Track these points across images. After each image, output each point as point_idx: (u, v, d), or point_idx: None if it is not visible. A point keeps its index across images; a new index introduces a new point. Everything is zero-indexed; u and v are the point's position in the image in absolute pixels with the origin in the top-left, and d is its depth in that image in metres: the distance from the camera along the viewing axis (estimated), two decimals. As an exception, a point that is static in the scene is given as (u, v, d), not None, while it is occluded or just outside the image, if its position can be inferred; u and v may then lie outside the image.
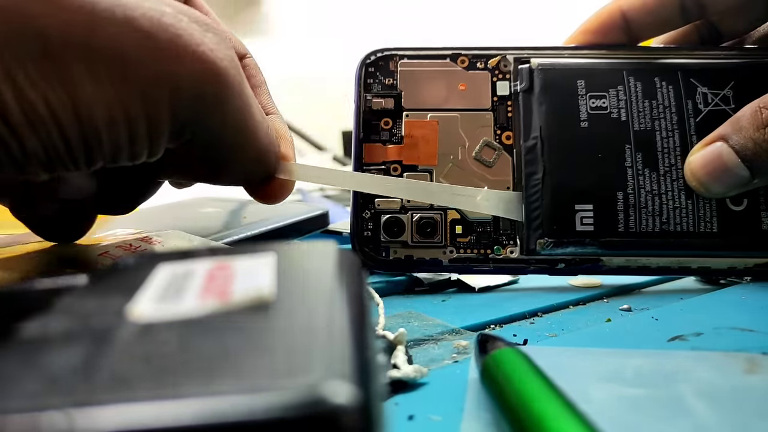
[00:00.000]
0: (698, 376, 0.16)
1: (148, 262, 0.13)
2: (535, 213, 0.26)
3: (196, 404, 0.08)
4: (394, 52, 0.28)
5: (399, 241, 0.27)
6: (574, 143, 0.26)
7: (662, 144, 0.26)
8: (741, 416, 0.14)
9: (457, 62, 0.28)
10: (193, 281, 0.12)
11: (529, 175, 0.27)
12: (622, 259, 0.26)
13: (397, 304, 0.26)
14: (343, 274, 0.12)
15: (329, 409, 0.08)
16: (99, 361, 0.09)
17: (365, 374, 0.09)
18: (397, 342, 0.17)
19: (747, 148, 0.24)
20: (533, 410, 0.12)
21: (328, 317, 0.10)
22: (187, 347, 0.09)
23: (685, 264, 0.26)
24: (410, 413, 0.15)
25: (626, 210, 0.25)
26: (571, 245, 0.26)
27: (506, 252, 0.27)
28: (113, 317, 0.11)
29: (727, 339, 0.19)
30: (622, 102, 0.26)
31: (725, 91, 0.26)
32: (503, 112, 0.28)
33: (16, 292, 0.13)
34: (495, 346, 0.15)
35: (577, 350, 0.18)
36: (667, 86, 0.26)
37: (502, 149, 0.27)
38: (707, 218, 0.25)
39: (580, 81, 0.27)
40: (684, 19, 0.28)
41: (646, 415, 0.14)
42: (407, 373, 0.16)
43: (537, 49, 0.28)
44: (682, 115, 0.26)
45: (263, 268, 0.12)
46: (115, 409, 0.08)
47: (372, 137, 0.28)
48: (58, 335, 0.10)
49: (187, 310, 0.11)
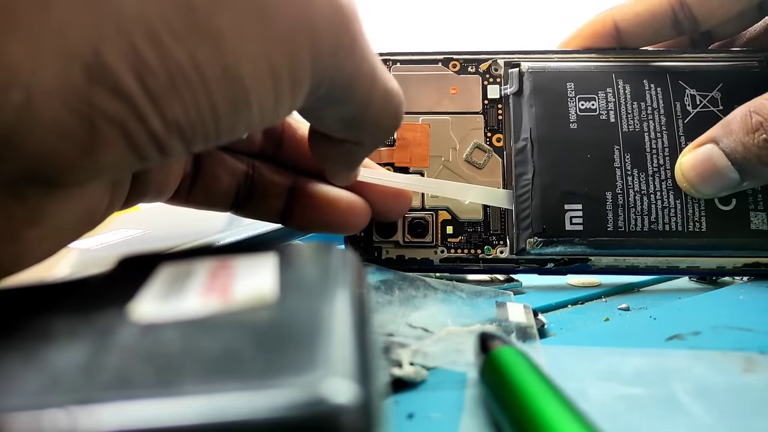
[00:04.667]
0: (696, 375, 0.16)
1: (150, 261, 0.13)
2: (525, 213, 0.26)
3: (197, 403, 0.08)
4: (386, 57, 0.28)
5: (391, 241, 0.27)
6: (564, 144, 0.26)
7: (651, 145, 0.26)
8: (738, 415, 0.14)
9: (448, 66, 0.28)
10: (195, 281, 0.12)
11: (519, 176, 0.27)
12: (611, 259, 0.26)
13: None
14: (343, 274, 0.12)
15: (330, 408, 0.08)
16: (101, 359, 0.09)
17: (366, 373, 0.09)
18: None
19: (737, 151, 0.24)
20: (532, 409, 0.12)
21: (329, 317, 0.10)
22: (189, 346, 0.09)
23: (674, 263, 0.26)
24: (410, 411, 0.15)
25: (615, 210, 0.26)
26: (560, 245, 0.26)
27: (496, 252, 0.27)
28: (116, 316, 0.11)
29: (725, 338, 0.19)
30: (611, 104, 0.27)
31: (713, 93, 0.27)
32: (494, 115, 0.28)
33: (19, 290, 0.13)
34: (494, 345, 0.15)
35: (575, 349, 0.18)
36: (655, 88, 0.27)
37: (493, 151, 0.28)
38: (696, 218, 0.26)
39: (570, 83, 0.27)
40: (676, 32, 0.28)
41: (644, 413, 0.14)
42: (408, 372, 0.16)
43: (527, 53, 0.28)
44: (671, 116, 0.26)
45: (264, 268, 0.12)
46: (118, 408, 0.08)
47: None
48: (61, 334, 0.10)
49: (189, 309, 0.11)
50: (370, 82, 0.17)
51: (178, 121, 0.13)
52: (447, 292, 0.23)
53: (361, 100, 0.17)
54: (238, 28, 0.13)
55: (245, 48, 0.13)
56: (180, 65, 0.12)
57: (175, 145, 0.13)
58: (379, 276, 0.24)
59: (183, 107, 0.13)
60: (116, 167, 0.13)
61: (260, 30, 0.13)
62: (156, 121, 0.13)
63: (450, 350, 0.18)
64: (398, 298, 0.22)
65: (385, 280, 0.23)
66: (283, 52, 0.14)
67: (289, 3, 0.14)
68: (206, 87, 0.13)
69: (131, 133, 0.12)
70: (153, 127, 0.13)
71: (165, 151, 0.13)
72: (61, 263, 0.26)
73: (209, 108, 0.13)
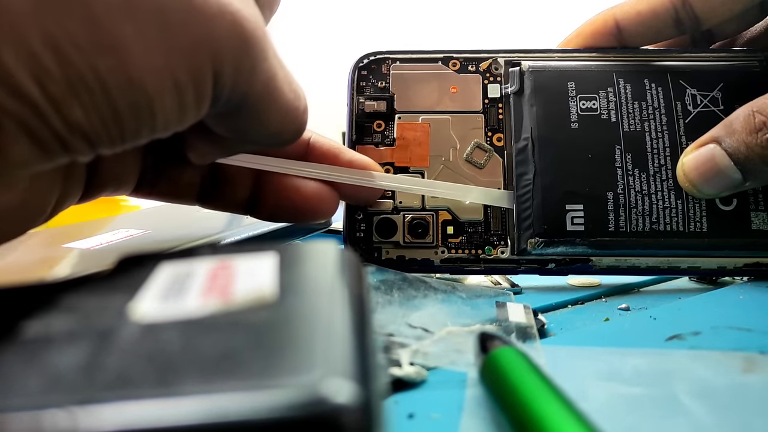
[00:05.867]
0: (696, 375, 0.16)
1: (150, 261, 0.13)
2: (526, 213, 0.26)
3: (198, 403, 0.08)
4: (386, 56, 0.28)
5: (391, 241, 0.27)
6: (565, 144, 0.26)
7: (652, 145, 0.26)
8: (738, 415, 0.14)
9: (448, 65, 0.28)
10: (195, 281, 0.12)
11: (520, 176, 0.27)
12: (612, 259, 0.26)
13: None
14: (344, 274, 0.12)
15: (330, 408, 0.08)
16: (102, 359, 0.09)
17: (366, 373, 0.09)
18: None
19: (739, 151, 0.24)
20: (532, 409, 0.12)
21: (329, 317, 0.10)
22: (189, 346, 0.09)
23: (674, 264, 0.26)
24: (410, 411, 0.15)
25: (616, 210, 0.26)
26: (561, 245, 0.26)
27: (497, 252, 0.27)
28: (116, 316, 0.11)
29: (725, 338, 0.19)
30: (611, 103, 0.27)
31: (714, 93, 0.27)
32: (494, 115, 0.28)
33: (19, 290, 0.13)
34: (494, 345, 0.15)
35: (575, 349, 0.18)
36: (656, 88, 0.27)
37: (493, 151, 0.28)
38: (697, 218, 0.26)
39: (570, 83, 0.27)
40: (678, 31, 0.28)
41: (644, 413, 0.14)
42: (408, 373, 0.16)
43: (527, 52, 0.28)
44: (672, 116, 0.26)
45: (264, 268, 0.12)
46: (118, 408, 0.08)
47: (365, 139, 0.28)
48: (61, 334, 0.10)
49: (189, 309, 0.11)
50: (270, 101, 0.18)
51: (80, 123, 0.14)
52: (447, 292, 0.23)
53: (259, 117, 0.18)
54: (142, 42, 0.14)
55: (149, 61, 0.14)
56: (81, 73, 0.13)
57: (79, 145, 0.14)
58: (379, 276, 0.24)
59: (84, 111, 0.13)
60: (25, 163, 0.14)
61: (163, 45, 0.14)
62: (58, 122, 0.13)
63: (450, 350, 0.18)
64: (398, 298, 0.22)
65: (385, 280, 0.23)
66: (186, 67, 0.15)
67: (192, 21, 0.14)
68: (108, 95, 0.14)
69: (34, 131, 0.13)
70: (55, 127, 0.13)
71: (70, 150, 0.14)
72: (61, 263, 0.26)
73: (111, 114, 0.14)
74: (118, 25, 0.13)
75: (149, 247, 0.26)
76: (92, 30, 0.13)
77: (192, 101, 0.15)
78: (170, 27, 0.14)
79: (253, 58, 0.16)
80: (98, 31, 0.13)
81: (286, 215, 0.25)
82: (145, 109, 0.14)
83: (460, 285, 0.24)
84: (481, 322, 0.20)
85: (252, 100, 0.17)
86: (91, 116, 0.14)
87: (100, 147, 0.15)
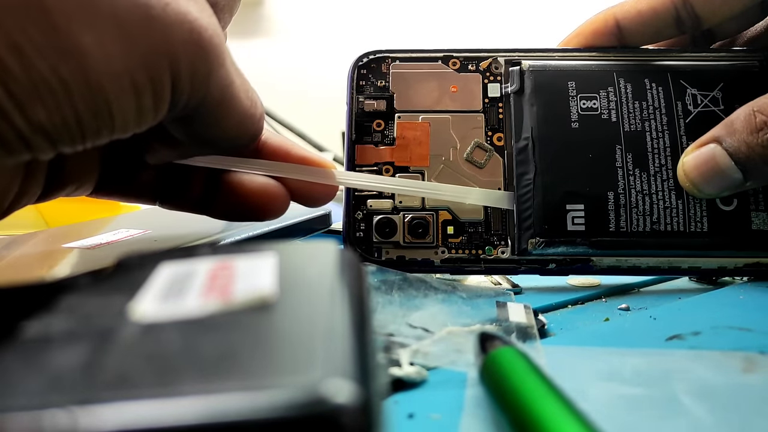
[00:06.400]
0: (696, 375, 0.16)
1: (150, 261, 0.13)
2: (527, 213, 0.26)
3: (198, 403, 0.08)
4: (386, 55, 0.28)
5: (391, 241, 0.27)
6: (565, 144, 0.26)
7: (652, 144, 0.26)
8: (739, 415, 0.14)
9: (448, 64, 0.28)
10: (195, 281, 0.12)
11: (521, 176, 0.27)
12: (613, 259, 0.26)
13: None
14: (344, 274, 0.12)
15: (330, 408, 0.08)
16: (102, 359, 0.09)
17: (366, 373, 0.09)
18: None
19: (740, 151, 0.24)
20: (532, 409, 0.12)
21: (329, 317, 0.10)
22: (189, 346, 0.09)
23: (675, 264, 0.26)
24: (410, 412, 0.15)
25: (617, 210, 0.26)
26: (562, 245, 0.26)
27: (497, 252, 0.27)
28: (116, 316, 0.11)
29: (725, 338, 0.19)
30: (612, 103, 0.27)
31: (714, 93, 0.27)
32: (494, 114, 0.28)
33: (19, 290, 0.13)
34: (494, 345, 0.15)
35: (575, 349, 0.18)
36: (656, 87, 0.27)
37: (494, 150, 0.28)
38: (697, 218, 0.26)
39: (571, 82, 0.27)
40: (678, 30, 0.28)
41: (644, 413, 0.14)
42: (408, 373, 0.16)
43: (527, 51, 0.28)
44: (672, 116, 0.26)
45: (264, 268, 0.12)
46: (118, 408, 0.08)
47: (364, 139, 0.28)
48: (60, 334, 0.10)
49: (189, 309, 0.11)
50: (228, 107, 0.19)
51: (42, 123, 0.14)
52: (447, 292, 0.23)
53: (216, 122, 0.19)
54: (101, 48, 0.14)
55: (108, 66, 0.14)
56: (43, 75, 0.14)
57: (41, 144, 0.15)
58: (379, 276, 0.24)
59: (46, 111, 0.14)
60: None
61: (122, 51, 0.15)
62: (20, 120, 0.14)
63: (450, 350, 0.18)
64: (398, 298, 0.22)
65: (386, 280, 0.23)
66: (144, 72, 0.15)
67: (150, 28, 0.15)
68: (70, 97, 0.14)
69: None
70: (18, 126, 0.14)
71: (32, 148, 0.15)
72: (61, 263, 0.26)
73: (73, 115, 0.15)
74: (77, 32, 0.14)
75: (149, 247, 0.26)
76: (52, 36, 0.14)
77: (150, 105, 0.16)
78: (128, 33, 0.15)
79: (210, 64, 0.17)
80: (58, 36, 0.14)
81: (236, 213, 0.25)
82: (105, 111, 0.15)
83: (460, 285, 0.24)
84: (482, 322, 0.20)
85: (209, 106, 0.18)
86: (53, 117, 0.14)
87: (62, 146, 0.15)
